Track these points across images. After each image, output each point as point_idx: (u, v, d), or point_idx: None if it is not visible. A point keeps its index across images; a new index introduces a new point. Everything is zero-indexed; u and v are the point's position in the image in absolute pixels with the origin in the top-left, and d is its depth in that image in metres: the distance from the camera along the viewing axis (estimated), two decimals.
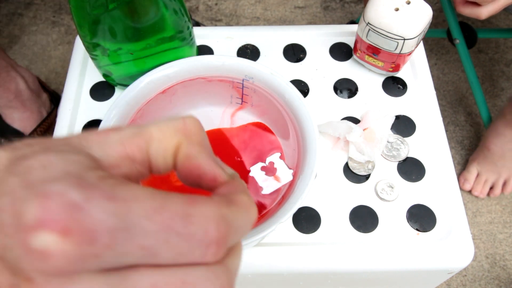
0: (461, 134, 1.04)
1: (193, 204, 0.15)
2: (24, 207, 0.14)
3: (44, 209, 0.13)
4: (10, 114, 0.88)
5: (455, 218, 0.41)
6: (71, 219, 0.13)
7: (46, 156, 0.15)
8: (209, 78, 0.41)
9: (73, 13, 0.39)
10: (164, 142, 0.18)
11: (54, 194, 0.14)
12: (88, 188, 0.14)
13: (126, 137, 0.17)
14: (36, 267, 0.14)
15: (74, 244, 0.13)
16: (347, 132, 0.44)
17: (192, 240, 0.15)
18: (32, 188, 0.14)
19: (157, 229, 0.14)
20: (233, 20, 1.20)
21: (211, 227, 0.15)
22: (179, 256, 0.15)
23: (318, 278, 0.41)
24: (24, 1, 1.23)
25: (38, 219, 0.13)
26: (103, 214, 0.14)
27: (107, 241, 0.14)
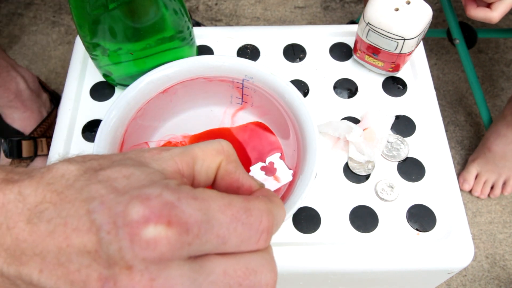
0: (461, 134, 1.04)
1: (250, 201, 0.19)
2: (128, 207, 0.17)
3: (149, 208, 0.17)
4: (10, 114, 0.88)
5: (455, 218, 0.41)
6: (171, 214, 0.17)
7: (125, 168, 0.19)
8: (210, 78, 0.41)
9: (73, 13, 0.39)
10: (207, 161, 0.21)
11: (153, 196, 0.17)
12: (176, 191, 0.18)
13: (176, 155, 0.21)
14: (140, 256, 0.16)
15: (176, 233, 0.16)
16: (347, 132, 0.44)
17: (251, 228, 0.18)
18: (126, 193, 0.17)
19: (229, 220, 0.18)
20: (233, 20, 1.20)
21: (264, 218, 0.19)
22: (241, 243, 0.18)
23: (318, 278, 0.41)
24: (24, 1, 1.23)
25: (145, 215, 0.16)
26: (192, 210, 0.17)
27: (197, 231, 0.17)
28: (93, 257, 0.17)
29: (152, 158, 0.20)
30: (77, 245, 0.17)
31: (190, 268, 0.17)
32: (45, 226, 0.17)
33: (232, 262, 0.18)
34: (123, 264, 0.16)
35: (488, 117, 0.97)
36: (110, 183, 0.18)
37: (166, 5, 0.40)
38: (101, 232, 0.16)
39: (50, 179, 0.18)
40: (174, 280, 0.17)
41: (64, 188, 0.18)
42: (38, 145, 0.88)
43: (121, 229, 0.16)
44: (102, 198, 0.17)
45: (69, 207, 0.17)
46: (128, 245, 0.16)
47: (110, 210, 0.17)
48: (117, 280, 0.16)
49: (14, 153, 0.86)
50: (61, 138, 0.45)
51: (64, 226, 0.17)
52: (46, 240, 0.17)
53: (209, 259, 0.18)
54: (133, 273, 0.16)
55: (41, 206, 0.17)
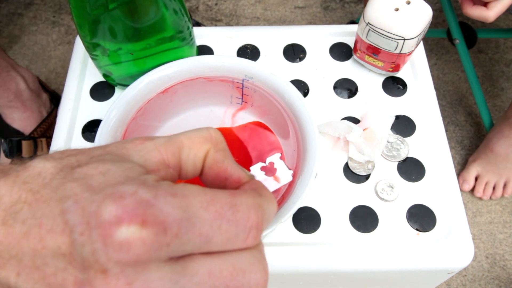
0: (461, 134, 1.04)
1: (236, 195, 0.18)
2: (101, 207, 0.16)
3: (122, 207, 0.16)
4: (10, 114, 0.88)
5: (455, 218, 0.41)
6: (146, 213, 0.16)
7: (102, 164, 0.18)
8: (210, 78, 0.41)
9: (73, 13, 0.39)
10: (194, 149, 0.20)
11: (127, 194, 0.16)
12: (153, 187, 0.17)
13: (160, 145, 0.19)
14: (114, 258, 0.15)
15: (152, 233, 0.15)
16: (347, 132, 0.44)
17: (238, 225, 0.17)
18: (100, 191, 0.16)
19: (212, 217, 0.17)
20: (233, 20, 1.20)
21: (252, 213, 0.18)
22: (227, 241, 0.17)
23: (318, 278, 0.41)
24: (24, 1, 1.23)
25: (118, 215, 0.15)
26: (170, 208, 0.16)
27: (176, 230, 0.16)
28: (68, 260, 0.16)
29: (135, 149, 0.19)
30: (51, 247, 0.16)
31: (171, 269, 0.16)
32: (20, 228, 0.16)
33: (217, 262, 0.17)
34: (97, 267, 0.15)
35: (488, 117, 0.97)
36: (86, 180, 0.17)
37: (166, 5, 0.40)
38: (74, 234, 0.16)
39: (26, 177, 0.18)
40: (154, 283, 0.16)
41: (40, 187, 0.17)
42: (38, 145, 0.88)
43: (94, 230, 0.15)
44: (76, 197, 0.16)
45: (44, 207, 0.17)
46: (101, 248, 0.15)
47: (84, 209, 0.16)
48: (93, 284, 0.15)
49: (14, 153, 0.86)
50: (61, 138, 0.45)
51: (39, 228, 0.16)
52: (21, 242, 0.16)
53: (192, 259, 0.17)
54: (109, 277, 0.15)
55: (16, 207, 0.17)
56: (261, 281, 0.18)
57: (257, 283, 0.18)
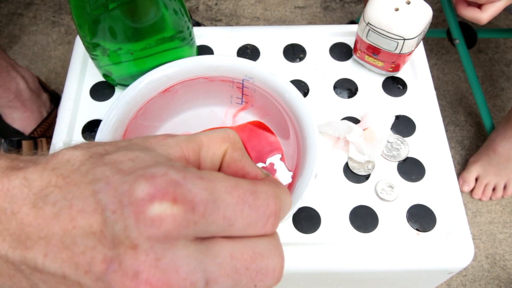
0: (461, 134, 1.04)
1: (257, 184, 0.19)
2: (133, 185, 0.16)
3: (154, 185, 0.16)
4: (10, 114, 0.88)
5: (455, 218, 0.41)
6: (177, 192, 0.16)
7: (131, 152, 0.19)
8: (211, 78, 0.41)
9: (73, 13, 0.39)
10: (213, 148, 0.21)
11: (158, 175, 0.17)
12: (181, 170, 0.17)
13: (182, 141, 0.20)
14: (146, 234, 0.16)
15: (182, 211, 0.16)
16: (347, 132, 0.44)
17: (258, 211, 0.18)
18: (131, 173, 0.17)
19: (235, 202, 0.18)
20: (233, 20, 1.20)
21: (271, 202, 0.19)
22: (248, 226, 0.18)
23: (318, 278, 0.41)
24: (24, 1, 1.23)
25: (150, 193, 0.16)
26: (198, 189, 0.17)
27: (203, 210, 0.17)
28: (98, 238, 0.16)
29: (158, 144, 0.20)
30: (82, 227, 0.16)
31: (196, 249, 0.17)
32: (50, 209, 0.17)
33: (239, 246, 0.18)
34: (128, 243, 0.16)
35: (488, 117, 0.97)
36: (116, 165, 0.18)
37: (166, 5, 0.40)
38: (106, 212, 0.16)
39: (56, 164, 0.18)
40: (180, 261, 0.16)
41: (69, 172, 0.18)
42: (38, 145, 0.88)
43: (127, 207, 0.16)
44: (107, 179, 0.17)
45: (75, 190, 0.17)
46: (134, 224, 0.16)
47: (116, 190, 0.17)
48: (122, 261, 0.16)
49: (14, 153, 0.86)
50: (61, 138, 0.45)
51: (70, 208, 0.17)
52: (51, 223, 0.17)
53: (215, 241, 0.18)
54: (138, 252, 0.16)
55: (47, 190, 0.17)
56: (278, 267, 0.19)
57: (274, 267, 0.19)
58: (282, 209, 0.19)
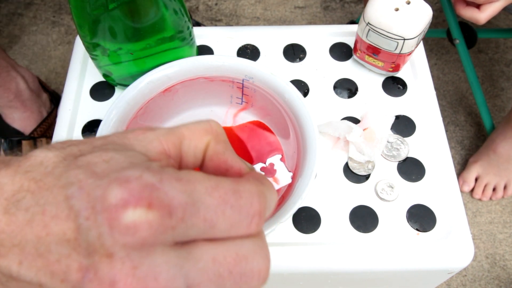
0: (461, 134, 1.04)
1: (239, 182, 0.18)
2: (106, 191, 0.16)
3: (128, 190, 0.16)
4: (10, 114, 0.88)
5: (455, 218, 0.41)
6: (152, 196, 0.16)
7: (105, 153, 0.18)
8: (211, 77, 0.41)
9: (73, 13, 0.39)
10: (195, 140, 0.20)
11: (132, 178, 0.16)
12: (158, 172, 0.17)
13: (162, 135, 0.19)
14: (121, 241, 0.15)
15: (158, 216, 0.15)
16: (347, 132, 0.44)
17: (241, 211, 0.17)
18: (105, 176, 0.16)
19: (216, 203, 0.17)
20: (233, 20, 1.20)
21: (255, 200, 0.18)
22: (231, 228, 0.17)
23: (318, 278, 0.41)
24: (24, 1, 1.23)
25: (124, 199, 0.15)
26: (175, 192, 0.16)
27: (181, 214, 0.16)
28: (72, 245, 0.16)
29: (136, 139, 0.19)
30: (56, 233, 0.16)
31: (176, 254, 0.16)
32: (23, 215, 0.16)
33: (221, 249, 0.17)
34: (103, 251, 0.15)
35: (488, 117, 0.97)
36: (90, 167, 0.17)
37: (166, 5, 0.40)
38: (80, 218, 0.16)
39: (28, 167, 0.17)
40: (159, 268, 0.16)
41: (42, 175, 0.17)
42: (38, 145, 0.88)
43: (100, 214, 0.15)
44: (80, 183, 0.16)
45: (47, 194, 0.16)
46: (107, 231, 0.15)
47: (89, 194, 0.16)
48: (97, 270, 0.15)
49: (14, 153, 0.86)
50: (61, 138, 0.45)
51: (43, 214, 0.16)
52: (24, 229, 0.16)
53: (197, 245, 0.17)
54: (114, 261, 0.15)
55: (19, 195, 0.17)
56: (264, 268, 0.18)
57: (259, 269, 0.18)
58: (267, 207, 0.18)
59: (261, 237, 0.19)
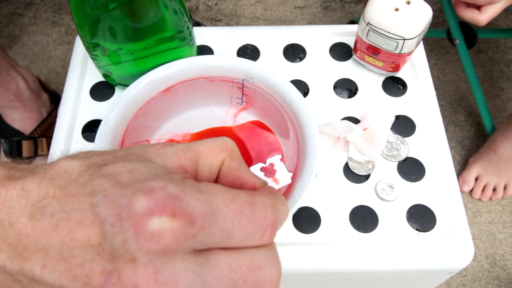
0: (461, 134, 1.04)
1: (254, 195, 0.19)
2: (132, 199, 0.16)
3: (153, 199, 0.16)
4: (10, 114, 0.88)
5: (455, 218, 0.41)
6: (175, 206, 0.17)
7: (129, 163, 0.19)
8: (211, 77, 0.41)
9: (73, 13, 0.39)
10: (211, 157, 0.21)
11: (157, 188, 0.17)
12: (180, 184, 0.17)
13: (180, 151, 0.20)
14: (145, 248, 0.16)
15: (181, 225, 0.16)
16: (347, 132, 0.44)
17: (256, 223, 0.18)
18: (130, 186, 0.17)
19: (233, 214, 0.18)
20: (233, 20, 1.20)
21: (269, 213, 0.19)
22: (245, 238, 0.18)
23: (318, 278, 0.41)
24: (24, 1, 1.23)
25: (149, 207, 0.16)
26: (196, 202, 0.17)
27: (201, 223, 0.17)
28: (96, 250, 0.16)
29: (156, 153, 0.20)
30: (80, 239, 0.16)
31: (194, 261, 0.17)
32: (48, 221, 0.17)
33: (236, 257, 0.18)
34: (127, 257, 0.16)
35: (488, 117, 0.97)
36: (114, 177, 0.18)
37: (166, 5, 0.40)
38: (105, 225, 0.16)
39: (53, 174, 0.18)
40: (179, 274, 0.16)
41: (67, 183, 0.18)
42: (38, 145, 0.88)
43: (126, 221, 0.16)
44: (106, 191, 0.17)
45: (73, 201, 0.17)
46: (133, 237, 0.16)
47: (114, 203, 0.17)
48: (121, 274, 0.16)
49: (14, 153, 0.86)
50: (61, 138, 0.45)
51: (68, 220, 0.17)
52: (49, 234, 0.17)
53: (213, 253, 0.18)
54: (137, 266, 0.16)
55: (44, 201, 0.17)
56: (275, 277, 0.19)
57: (271, 278, 0.19)
58: (279, 220, 0.20)
59: (273, 247, 0.20)
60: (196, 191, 0.18)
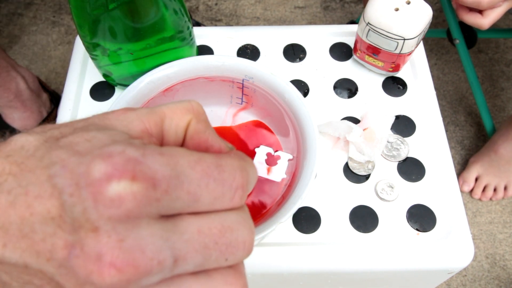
0: (461, 134, 1.04)
1: (221, 157, 0.18)
2: (90, 166, 0.16)
3: (112, 164, 0.16)
4: (10, 114, 0.88)
5: (455, 218, 0.41)
6: (136, 169, 0.16)
7: (87, 133, 0.18)
8: (211, 77, 0.41)
9: (73, 13, 0.39)
10: (176, 119, 0.20)
11: (115, 153, 0.16)
12: (140, 148, 0.17)
13: (143, 115, 0.20)
14: (106, 214, 0.15)
15: (142, 188, 0.16)
16: (347, 132, 0.44)
17: (224, 184, 0.18)
18: (88, 154, 0.16)
19: (199, 176, 0.17)
20: (233, 20, 1.20)
21: (237, 174, 0.18)
22: (214, 201, 0.17)
23: (318, 278, 0.41)
24: (24, 1, 1.23)
25: (108, 172, 0.16)
26: (159, 165, 0.16)
27: (165, 187, 0.16)
28: (57, 223, 0.16)
29: (117, 119, 0.19)
30: (40, 213, 0.16)
31: (161, 227, 0.16)
32: (5, 198, 0.16)
33: (206, 221, 0.17)
34: (88, 226, 0.15)
35: (488, 117, 0.97)
36: (72, 147, 0.17)
37: (166, 5, 0.40)
38: (64, 195, 0.16)
39: (9, 151, 0.17)
40: (145, 240, 0.16)
41: (23, 158, 0.17)
42: None
43: (84, 189, 0.16)
44: (63, 162, 0.16)
45: (30, 176, 0.16)
46: (92, 205, 0.15)
47: (72, 172, 0.16)
48: (83, 245, 0.15)
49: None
50: None
51: (26, 195, 0.16)
52: (7, 211, 0.16)
53: (182, 218, 0.17)
54: (100, 235, 0.15)
55: (0, 179, 0.17)
56: (248, 239, 0.18)
57: (244, 240, 0.18)
58: (249, 181, 0.19)
59: (244, 210, 0.19)
60: (158, 154, 0.17)
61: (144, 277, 0.16)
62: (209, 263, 0.17)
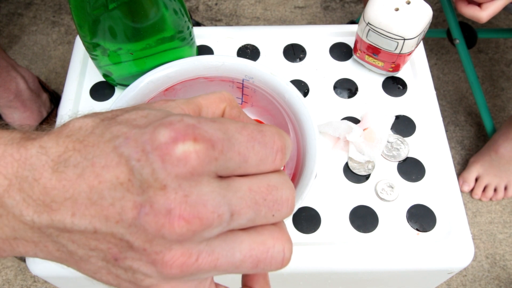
0: (461, 134, 1.04)
1: (261, 125, 0.20)
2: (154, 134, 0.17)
3: (175, 130, 0.17)
4: (10, 114, 0.88)
5: (455, 218, 0.41)
6: (196, 133, 0.18)
7: (141, 111, 0.19)
8: (211, 77, 0.41)
9: (73, 13, 0.39)
10: (212, 107, 0.22)
11: (175, 121, 0.18)
12: (195, 117, 0.19)
13: (182, 103, 0.21)
14: (173, 173, 0.17)
15: (203, 148, 0.17)
16: (347, 132, 0.44)
17: (267, 147, 0.20)
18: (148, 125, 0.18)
19: (246, 139, 0.19)
20: (233, 20, 1.20)
21: (276, 138, 0.20)
22: (260, 162, 0.19)
23: (318, 278, 0.41)
24: (24, 1, 1.23)
25: (172, 136, 0.17)
26: (213, 130, 0.18)
27: (221, 147, 0.18)
28: (126, 187, 0.17)
29: (161, 107, 0.21)
30: (109, 180, 0.17)
31: (219, 185, 0.18)
32: (72, 171, 0.18)
33: (255, 181, 0.19)
34: (157, 185, 0.17)
35: (488, 117, 0.97)
36: (130, 122, 0.19)
37: (166, 5, 0.40)
38: (131, 161, 0.17)
39: (69, 132, 0.19)
40: (206, 196, 0.17)
41: (84, 136, 0.18)
42: None
43: (151, 153, 0.17)
44: (125, 134, 0.18)
45: (94, 150, 0.18)
46: (161, 166, 0.17)
47: (136, 141, 0.17)
48: (153, 202, 0.17)
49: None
50: None
51: (93, 166, 0.17)
52: (76, 182, 0.17)
53: (233, 179, 0.19)
54: (168, 192, 0.17)
55: (65, 155, 0.18)
56: (291, 197, 0.20)
57: (287, 197, 0.20)
58: (286, 146, 0.21)
59: (284, 173, 0.21)
60: (211, 121, 0.19)
61: (207, 229, 0.17)
62: (259, 218, 0.19)
